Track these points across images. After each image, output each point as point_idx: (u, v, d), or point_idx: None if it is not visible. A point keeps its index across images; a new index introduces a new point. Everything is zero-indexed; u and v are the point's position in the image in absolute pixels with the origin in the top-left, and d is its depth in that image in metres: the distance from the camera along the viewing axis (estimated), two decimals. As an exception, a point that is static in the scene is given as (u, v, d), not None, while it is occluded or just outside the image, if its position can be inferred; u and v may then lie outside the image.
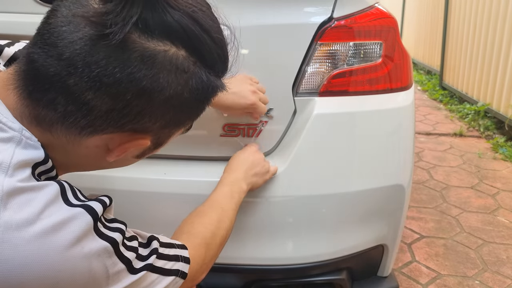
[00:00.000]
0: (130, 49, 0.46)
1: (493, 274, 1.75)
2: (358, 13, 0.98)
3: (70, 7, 0.48)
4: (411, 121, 1.08)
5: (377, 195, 1.04)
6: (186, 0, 0.50)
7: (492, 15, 3.57)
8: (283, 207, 0.99)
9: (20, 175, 0.46)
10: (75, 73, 0.46)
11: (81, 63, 0.46)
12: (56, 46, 0.46)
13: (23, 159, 0.48)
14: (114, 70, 0.46)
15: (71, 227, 0.47)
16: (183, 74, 0.50)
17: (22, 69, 0.49)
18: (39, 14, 0.95)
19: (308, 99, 0.98)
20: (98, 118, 0.49)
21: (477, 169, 2.78)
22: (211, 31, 0.52)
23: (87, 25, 0.46)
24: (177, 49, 0.49)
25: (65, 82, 0.46)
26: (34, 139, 0.50)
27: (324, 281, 1.06)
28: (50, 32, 0.47)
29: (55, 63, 0.46)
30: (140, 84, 0.47)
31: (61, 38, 0.46)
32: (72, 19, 0.47)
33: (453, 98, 4.43)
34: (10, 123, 0.49)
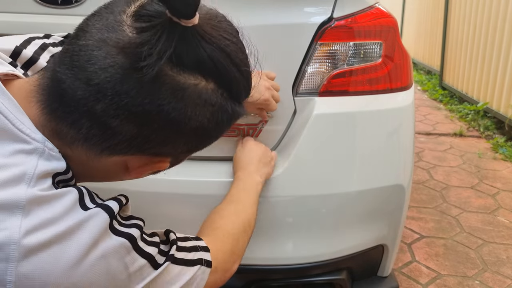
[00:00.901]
0: (162, 81, 0.46)
1: (493, 274, 1.75)
2: (358, 13, 0.98)
3: (103, 30, 0.47)
4: (411, 121, 1.08)
5: (377, 195, 1.04)
6: (219, 32, 0.50)
7: (492, 15, 3.57)
8: (283, 207, 0.99)
9: (41, 185, 0.47)
10: (103, 100, 0.46)
11: (111, 91, 0.46)
12: (85, 70, 0.46)
13: (45, 170, 0.48)
14: (143, 101, 0.46)
15: (88, 227, 0.48)
16: (210, 107, 0.51)
17: (46, 84, 0.49)
18: (39, 14, 0.96)
19: (308, 99, 0.98)
20: (121, 142, 0.49)
21: (477, 169, 2.78)
22: (240, 65, 0.53)
23: (119, 53, 0.45)
24: (207, 82, 0.49)
25: (92, 107, 0.46)
26: (56, 150, 0.50)
27: (324, 281, 1.06)
28: (80, 54, 0.47)
29: (83, 87, 0.46)
30: (168, 116, 0.48)
31: (92, 63, 0.46)
32: (104, 45, 0.46)
33: (453, 98, 4.43)
34: (33, 134, 0.48)
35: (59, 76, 0.47)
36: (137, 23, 0.46)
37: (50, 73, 0.49)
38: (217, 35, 0.50)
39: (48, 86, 0.49)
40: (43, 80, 0.50)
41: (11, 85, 0.51)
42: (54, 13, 0.96)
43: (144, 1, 0.48)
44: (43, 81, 0.50)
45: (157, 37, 0.45)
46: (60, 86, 0.47)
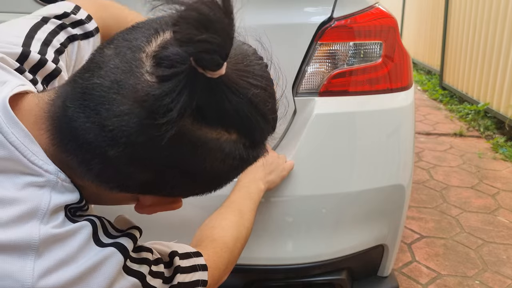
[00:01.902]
0: (181, 137, 0.42)
1: (493, 274, 1.75)
2: (358, 13, 0.98)
3: (119, 70, 0.42)
4: (411, 121, 1.08)
5: (377, 195, 1.04)
6: (247, 78, 0.45)
7: (492, 15, 3.57)
8: (283, 207, 0.99)
9: (54, 221, 0.45)
10: (117, 147, 0.42)
11: (125, 139, 0.42)
12: (98, 114, 0.42)
13: (58, 204, 0.46)
14: (160, 154, 0.43)
15: (103, 270, 0.46)
16: (231, 160, 0.47)
17: (57, 116, 0.45)
18: (39, 14, 0.96)
19: (308, 99, 0.98)
20: (133, 185, 0.47)
21: (477, 169, 2.78)
22: (267, 114, 0.48)
23: (137, 103, 0.41)
24: (229, 134, 0.45)
25: (105, 152, 0.43)
26: (69, 181, 0.47)
27: (324, 281, 1.06)
28: (93, 94, 0.42)
29: (97, 131, 0.42)
30: (185, 168, 0.45)
31: (106, 108, 0.42)
32: (121, 90, 0.42)
33: (453, 98, 4.42)
34: (46, 165, 0.45)
35: (70, 113, 0.44)
36: (158, 69, 0.41)
37: (60, 103, 0.45)
38: (245, 84, 0.44)
39: (58, 118, 0.45)
40: (53, 108, 0.46)
41: (21, 106, 0.47)
42: (54, 13, 0.96)
43: (167, 40, 0.43)
44: (53, 109, 0.46)
45: (179, 90, 0.40)
46: (71, 124, 0.44)
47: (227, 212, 0.81)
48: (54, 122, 0.46)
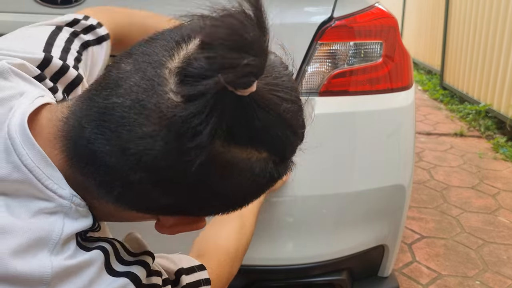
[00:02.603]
0: (211, 160, 0.39)
1: (494, 274, 1.75)
2: (358, 13, 0.98)
3: (140, 88, 0.39)
4: (411, 121, 1.08)
5: (378, 195, 1.04)
6: (277, 93, 0.42)
7: (492, 15, 3.57)
8: (283, 207, 0.99)
9: (66, 251, 0.42)
10: (141, 171, 0.39)
11: (150, 163, 0.39)
12: (119, 137, 0.39)
13: (71, 232, 0.42)
14: (188, 178, 0.40)
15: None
16: (260, 179, 0.44)
17: (71, 136, 0.42)
18: (39, 14, 0.96)
19: (308, 99, 0.98)
20: (156, 207, 0.44)
21: (478, 169, 2.78)
22: (298, 129, 0.46)
23: (162, 125, 0.38)
24: (259, 153, 0.42)
25: (126, 176, 0.40)
26: (84, 204, 0.44)
27: (325, 281, 1.06)
28: (113, 114, 0.39)
29: (118, 155, 0.39)
30: (213, 190, 0.42)
31: (127, 129, 0.38)
32: (143, 110, 0.38)
33: (453, 98, 4.42)
34: (60, 190, 0.42)
35: (87, 135, 0.41)
36: (184, 88, 0.38)
37: (75, 123, 0.42)
38: (275, 99, 0.41)
39: (73, 139, 0.42)
40: (67, 127, 0.43)
41: (37, 123, 0.44)
42: (54, 13, 0.96)
43: (190, 53, 0.39)
44: (67, 128, 0.43)
45: (208, 111, 0.37)
46: (88, 146, 0.41)
47: (228, 220, 0.79)
48: (69, 143, 0.43)
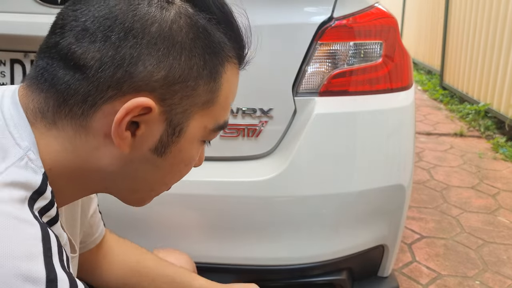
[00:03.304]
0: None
1: (494, 274, 1.75)
2: (358, 13, 0.98)
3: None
4: (411, 121, 1.08)
5: (378, 195, 1.04)
6: None
7: (492, 15, 3.57)
8: (283, 207, 0.99)
9: (7, 193, 0.40)
10: (63, 31, 0.46)
11: (71, 18, 0.46)
12: (57, 20, 0.48)
13: (17, 180, 0.41)
14: (95, 13, 0.45)
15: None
16: (168, 5, 0.46)
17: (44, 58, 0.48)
18: (39, 14, 0.96)
19: (308, 99, 0.98)
20: (92, 79, 0.44)
21: (478, 169, 2.78)
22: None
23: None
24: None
25: (59, 46, 0.46)
26: (38, 164, 0.44)
27: (325, 281, 1.06)
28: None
29: (52, 33, 0.47)
30: (123, 21, 0.45)
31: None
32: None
33: (453, 98, 4.42)
34: (19, 139, 0.44)
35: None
36: None
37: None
38: None
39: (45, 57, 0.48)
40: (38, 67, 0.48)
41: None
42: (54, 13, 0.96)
43: None
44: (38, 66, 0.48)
45: None
46: (60, 43, 0.47)
47: None
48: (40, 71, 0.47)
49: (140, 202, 0.56)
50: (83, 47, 0.44)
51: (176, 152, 0.50)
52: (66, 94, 0.45)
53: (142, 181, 0.52)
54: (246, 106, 0.98)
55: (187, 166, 0.55)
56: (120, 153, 0.47)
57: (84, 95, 0.45)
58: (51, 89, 0.45)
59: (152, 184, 0.54)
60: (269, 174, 0.97)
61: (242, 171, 0.99)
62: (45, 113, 0.46)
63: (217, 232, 1.01)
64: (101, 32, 0.44)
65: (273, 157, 1.00)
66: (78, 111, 0.45)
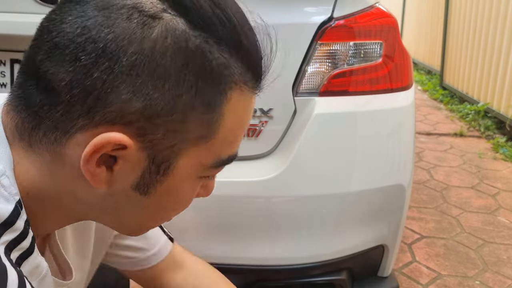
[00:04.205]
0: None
1: (494, 274, 1.75)
2: (358, 13, 0.98)
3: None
4: (411, 121, 1.08)
5: (378, 195, 1.04)
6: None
7: (492, 15, 3.57)
8: (283, 207, 0.99)
9: None
10: (37, 45, 0.40)
11: (38, 33, 0.41)
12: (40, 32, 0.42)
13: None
14: (68, 28, 0.39)
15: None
16: (153, 21, 0.38)
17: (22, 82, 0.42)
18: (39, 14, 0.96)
19: (308, 99, 0.98)
20: (63, 105, 0.39)
21: (478, 169, 2.78)
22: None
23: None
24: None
25: (33, 61, 0.40)
26: (12, 191, 0.40)
27: (325, 281, 1.06)
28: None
29: (31, 46, 0.41)
30: (96, 40, 0.37)
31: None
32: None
33: (453, 98, 4.42)
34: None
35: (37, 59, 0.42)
36: None
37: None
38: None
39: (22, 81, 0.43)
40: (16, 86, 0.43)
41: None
42: (54, 13, 0.96)
43: None
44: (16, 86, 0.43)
45: None
46: (39, 67, 0.41)
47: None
48: (20, 93, 0.42)
49: (133, 233, 0.50)
50: (53, 68, 0.38)
51: (163, 191, 0.44)
52: (39, 118, 0.40)
53: (127, 218, 0.46)
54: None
55: (182, 204, 0.48)
56: (97, 189, 0.42)
57: (55, 121, 0.39)
58: (27, 110, 0.40)
59: (139, 222, 0.48)
60: (269, 174, 0.97)
61: (242, 171, 0.99)
62: (22, 134, 0.41)
63: (217, 232, 1.01)
64: (70, 52, 0.38)
65: (273, 157, 1.01)
66: (51, 137, 0.40)
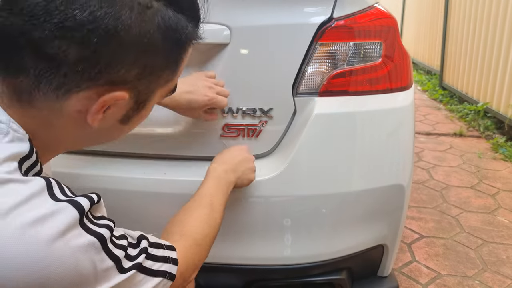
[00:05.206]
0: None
1: (493, 274, 1.75)
2: (358, 13, 0.98)
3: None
4: (411, 121, 1.08)
5: (377, 195, 1.04)
6: None
7: (492, 15, 3.57)
8: (283, 207, 0.99)
9: (7, 167, 0.46)
10: (38, 24, 0.46)
11: (42, 11, 0.45)
12: (16, 2, 0.46)
13: (10, 153, 0.47)
14: (74, 12, 0.46)
15: (55, 220, 0.46)
16: (146, 10, 0.49)
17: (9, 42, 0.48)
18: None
19: (308, 99, 0.98)
20: (69, 73, 0.48)
21: (477, 169, 2.78)
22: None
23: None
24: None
25: (29, 38, 0.46)
26: (22, 132, 0.50)
27: (324, 281, 1.06)
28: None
29: (18, 19, 0.46)
30: (103, 24, 0.46)
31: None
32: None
33: (453, 98, 4.43)
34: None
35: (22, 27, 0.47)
36: None
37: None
38: None
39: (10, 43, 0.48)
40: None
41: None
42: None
43: None
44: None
45: None
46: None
47: (197, 206, 0.79)
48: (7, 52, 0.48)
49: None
50: (62, 45, 0.46)
51: (136, 119, 0.60)
52: (38, 81, 0.48)
53: (107, 138, 0.62)
54: (246, 106, 0.98)
55: (141, 122, 0.64)
56: (87, 121, 0.54)
57: (58, 84, 0.49)
58: (20, 74, 0.48)
59: (114, 138, 0.63)
60: (269, 174, 0.97)
61: (242, 171, 0.99)
62: (19, 95, 0.50)
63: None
64: (76, 34, 0.46)
65: (273, 157, 1.01)
66: (52, 96, 0.50)
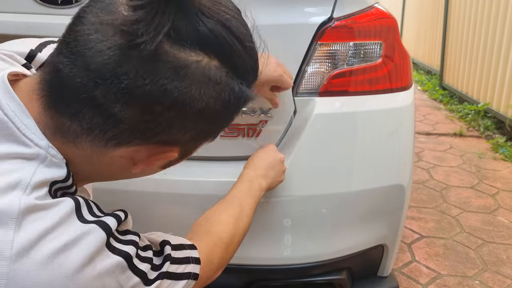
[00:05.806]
0: (162, 60, 0.44)
1: (493, 274, 1.75)
2: (358, 13, 0.98)
3: (98, 14, 0.45)
4: (411, 121, 1.08)
5: (377, 195, 1.04)
6: (219, 7, 0.48)
7: (492, 15, 3.57)
8: (283, 207, 0.99)
9: (38, 193, 0.45)
10: (103, 84, 0.44)
11: (110, 74, 0.44)
12: (83, 56, 0.44)
13: (44, 178, 0.47)
14: (144, 81, 0.44)
15: (83, 244, 0.45)
16: (216, 85, 0.48)
17: (46, 79, 0.48)
18: (39, 14, 0.96)
19: (308, 99, 0.98)
20: (125, 130, 0.47)
21: (477, 169, 2.78)
22: (244, 40, 0.50)
23: (116, 33, 0.44)
24: (210, 59, 0.47)
25: (92, 94, 0.45)
26: (60, 157, 0.49)
27: (324, 281, 1.06)
28: (77, 40, 0.45)
29: (82, 73, 0.44)
30: (171, 97, 0.46)
31: (89, 47, 0.44)
32: (100, 27, 0.44)
33: (453, 98, 4.43)
34: (37, 139, 0.47)
35: (58, 65, 0.46)
36: (133, 2, 0.44)
37: (49, 66, 0.48)
38: (217, 9, 0.48)
39: (47, 80, 0.48)
40: (44, 75, 0.49)
41: (18, 85, 0.50)
42: (54, 13, 0.96)
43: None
44: (43, 75, 0.49)
45: (154, 13, 0.42)
46: (59, 76, 0.46)
47: (227, 207, 0.80)
48: (44, 85, 0.48)
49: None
50: (125, 108, 0.46)
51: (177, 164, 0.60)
52: (90, 131, 0.48)
53: (143, 176, 0.60)
54: (246, 106, 0.98)
55: None
56: (130, 166, 0.54)
57: (110, 137, 0.48)
58: (71, 119, 0.47)
59: (148, 175, 0.62)
60: (269, 174, 0.97)
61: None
62: (65, 134, 0.49)
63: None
64: (142, 100, 0.46)
65: (273, 157, 1.01)
66: (101, 143, 0.49)
